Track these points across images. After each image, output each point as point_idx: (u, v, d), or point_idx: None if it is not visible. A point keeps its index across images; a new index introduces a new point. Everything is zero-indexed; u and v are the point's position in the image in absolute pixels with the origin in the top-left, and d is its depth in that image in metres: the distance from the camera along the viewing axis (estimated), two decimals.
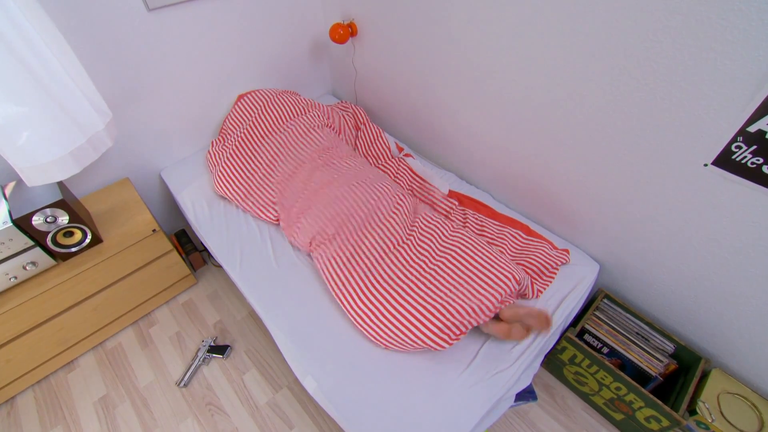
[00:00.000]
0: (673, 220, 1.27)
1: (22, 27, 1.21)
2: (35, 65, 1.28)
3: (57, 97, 1.35)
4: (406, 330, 1.26)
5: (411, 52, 1.76)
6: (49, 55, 1.30)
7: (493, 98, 1.55)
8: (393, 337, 1.27)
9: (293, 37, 2.06)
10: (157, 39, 1.62)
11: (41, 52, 1.28)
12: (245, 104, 1.92)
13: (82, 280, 1.58)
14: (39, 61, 1.28)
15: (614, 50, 1.12)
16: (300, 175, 1.68)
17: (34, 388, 1.73)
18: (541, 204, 1.65)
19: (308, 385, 1.24)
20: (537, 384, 1.66)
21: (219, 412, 1.63)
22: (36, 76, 1.29)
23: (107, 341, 1.87)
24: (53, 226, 1.43)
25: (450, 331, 1.24)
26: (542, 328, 1.29)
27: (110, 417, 1.64)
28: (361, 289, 1.37)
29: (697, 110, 1.05)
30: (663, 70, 1.06)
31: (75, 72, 1.38)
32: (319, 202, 1.54)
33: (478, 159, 1.82)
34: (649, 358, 1.41)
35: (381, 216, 1.51)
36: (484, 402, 1.19)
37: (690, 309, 1.39)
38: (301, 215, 1.55)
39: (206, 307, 1.98)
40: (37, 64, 1.28)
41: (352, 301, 1.35)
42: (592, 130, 1.30)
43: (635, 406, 1.39)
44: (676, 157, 1.15)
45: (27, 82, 1.27)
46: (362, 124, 2.05)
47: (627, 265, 1.49)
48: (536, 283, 1.46)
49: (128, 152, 1.81)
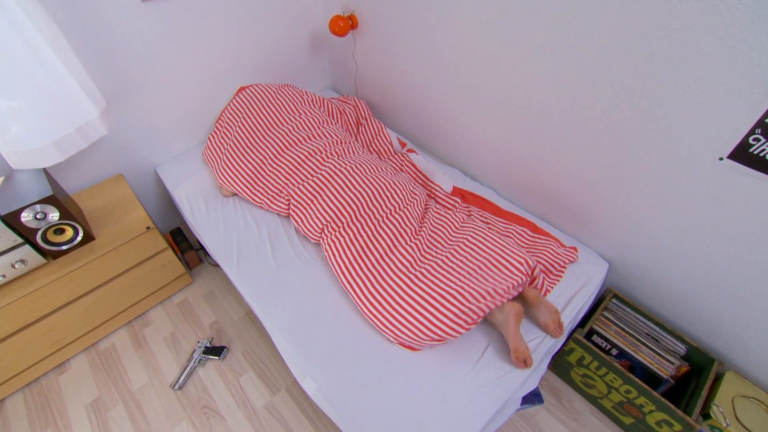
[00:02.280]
0: (685, 216, 1.22)
1: (13, 13, 1.18)
2: (25, 55, 1.24)
3: (48, 88, 1.33)
4: (420, 317, 1.23)
5: (413, 46, 1.72)
6: (40, 43, 1.26)
7: (499, 93, 1.51)
8: (405, 326, 1.24)
9: (292, 30, 2.02)
10: (151, 31, 1.57)
11: (31, 39, 1.24)
12: (246, 96, 1.88)
13: (73, 279, 1.54)
14: (29, 49, 1.24)
15: (625, 40, 1.08)
16: (312, 162, 1.67)
17: (24, 390, 1.69)
18: (548, 201, 1.61)
19: (308, 387, 1.21)
20: (543, 387, 1.62)
21: (215, 416, 1.59)
22: (27, 68, 1.26)
23: (100, 342, 1.83)
24: (43, 222, 1.39)
25: (466, 316, 1.21)
26: (553, 327, 1.27)
27: (102, 420, 1.59)
28: (374, 278, 1.36)
29: (712, 101, 1.01)
30: (676, 60, 1.02)
31: (68, 60, 1.35)
32: (333, 188, 1.55)
33: (482, 155, 1.77)
34: (660, 359, 1.37)
35: (396, 207, 1.53)
36: (489, 405, 1.16)
37: (702, 309, 1.35)
38: (314, 199, 1.55)
39: (202, 307, 1.95)
40: (27, 54, 1.25)
41: (364, 290, 1.34)
42: (601, 124, 1.26)
43: (646, 409, 1.34)
44: (690, 150, 1.11)
45: (17, 75, 1.25)
46: (364, 119, 2.02)
47: (637, 264, 1.45)
48: (545, 281, 1.42)
49: (122, 147, 1.77)
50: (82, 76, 1.41)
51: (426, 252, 1.43)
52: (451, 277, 1.31)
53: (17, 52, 1.22)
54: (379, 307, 1.29)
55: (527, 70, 1.36)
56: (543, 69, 1.32)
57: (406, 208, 1.54)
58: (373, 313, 1.29)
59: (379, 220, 1.49)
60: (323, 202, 1.53)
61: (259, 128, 1.81)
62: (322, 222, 1.50)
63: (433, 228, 1.52)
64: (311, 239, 1.55)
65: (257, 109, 1.84)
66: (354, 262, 1.40)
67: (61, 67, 1.33)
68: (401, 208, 1.54)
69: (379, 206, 1.51)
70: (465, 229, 1.49)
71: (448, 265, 1.36)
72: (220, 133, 1.87)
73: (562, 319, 1.31)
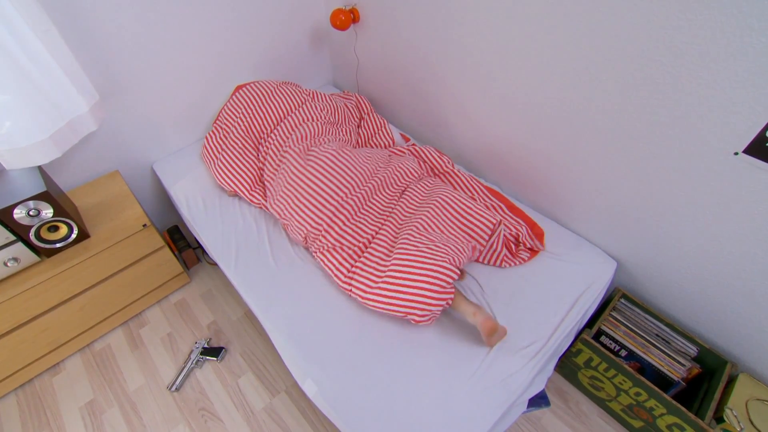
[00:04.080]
0: (698, 213, 1.19)
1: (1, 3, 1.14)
2: (14, 48, 1.21)
3: (38, 81, 1.29)
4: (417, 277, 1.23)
5: (416, 39, 1.69)
6: (30, 36, 1.22)
7: (505, 87, 1.47)
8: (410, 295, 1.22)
9: (292, 24, 1.98)
10: (147, 23, 1.53)
11: (19, 31, 1.20)
12: (243, 96, 1.84)
13: (67, 278, 1.50)
14: (17, 41, 1.21)
15: (638, 31, 1.04)
16: (286, 168, 1.58)
17: (17, 392, 1.66)
18: (555, 197, 1.57)
19: (308, 389, 1.19)
20: (549, 389, 1.58)
21: (212, 418, 1.56)
22: (16, 61, 1.22)
23: (95, 343, 1.80)
24: (36, 219, 1.36)
25: (446, 270, 1.23)
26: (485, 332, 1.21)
27: (97, 423, 1.56)
28: (369, 268, 1.35)
29: (727, 93, 0.97)
30: (691, 51, 0.98)
31: (59, 52, 1.31)
32: (301, 196, 1.47)
33: (487, 151, 1.74)
34: (671, 361, 1.33)
35: (364, 198, 1.50)
36: (495, 408, 1.13)
37: (714, 309, 1.31)
38: (289, 211, 1.49)
39: (200, 307, 1.91)
40: (17, 46, 1.21)
41: (363, 284, 1.31)
42: (612, 118, 1.22)
43: (656, 412, 1.30)
44: (703, 145, 1.07)
45: (7, 68, 1.21)
46: (366, 114, 1.98)
47: (646, 263, 1.41)
48: (503, 248, 1.45)
49: (118, 143, 1.73)
50: (73, 69, 1.36)
51: (402, 221, 1.47)
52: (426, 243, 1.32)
53: (5, 44, 1.18)
54: (381, 290, 1.26)
55: (538, 64, 1.33)
56: (555, 63, 1.27)
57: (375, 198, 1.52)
58: (377, 301, 1.26)
59: (353, 220, 1.46)
60: (296, 215, 1.47)
61: (256, 128, 1.78)
62: (303, 233, 1.45)
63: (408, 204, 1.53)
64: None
65: (254, 109, 1.80)
66: (345, 263, 1.39)
67: (50, 60, 1.29)
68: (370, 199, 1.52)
69: (350, 207, 1.46)
70: (435, 191, 1.52)
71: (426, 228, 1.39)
72: (218, 133, 1.84)
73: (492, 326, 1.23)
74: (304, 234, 1.44)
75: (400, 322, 1.30)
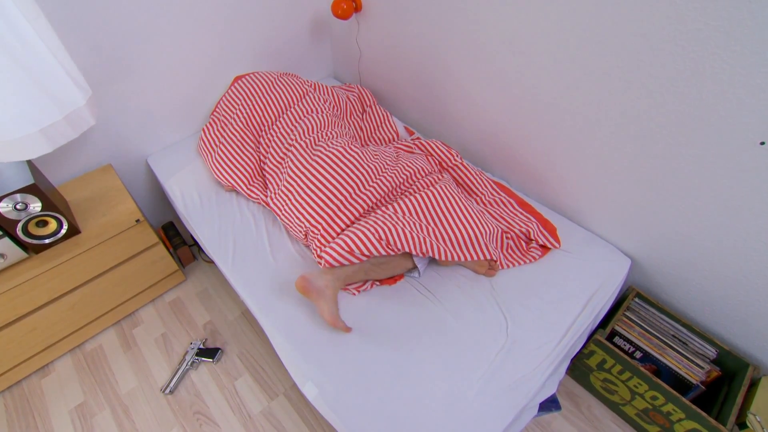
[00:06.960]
0: (719, 208, 1.12)
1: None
2: (6, 33, 1.14)
3: (31, 70, 1.22)
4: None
5: (421, 29, 1.63)
6: (22, 22, 1.16)
7: (515, 78, 1.42)
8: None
9: (291, 13, 1.92)
10: (141, 9, 1.47)
11: (11, 16, 1.14)
12: (243, 86, 1.78)
13: (57, 275, 1.44)
14: (9, 27, 1.14)
15: (659, 12, 0.98)
16: (291, 161, 1.52)
17: (4, 394, 1.60)
18: (566, 192, 1.51)
19: (308, 392, 1.14)
20: (560, 392, 1.53)
21: (208, 422, 1.50)
22: (7, 49, 1.16)
23: (86, 343, 1.74)
24: (24, 213, 1.30)
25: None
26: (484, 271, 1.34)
27: (87, 427, 1.50)
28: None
29: (754, 78, 0.91)
30: (714, 33, 0.92)
31: (51, 42, 1.25)
32: (303, 191, 1.42)
33: (494, 144, 1.68)
34: (689, 364, 1.27)
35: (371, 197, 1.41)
36: (505, 412, 1.07)
37: (734, 309, 1.25)
38: (290, 204, 1.43)
39: (195, 306, 1.86)
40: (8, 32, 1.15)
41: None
42: (628, 106, 1.16)
43: (674, 417, 1.24)
44: (726, 134, 1.01)
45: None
46: (369, 107, 1.92)
47: (663, 261, 1.35)
48: (511, 256, 1.42)
49: (111, 136, 1.67)
50: (66, 61, 1.30)
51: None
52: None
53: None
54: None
55: (549, 55, 1.27)
56: (568, 53, 1.22)
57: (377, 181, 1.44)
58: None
59: (360, 210, 1.39)
60: (301, 208, 1.40)
61: (256, 120, 1.72)
62: (303, 229, 1.39)
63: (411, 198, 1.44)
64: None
65: (255, 100, 1.74)
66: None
67: (45, 50, 1.23)
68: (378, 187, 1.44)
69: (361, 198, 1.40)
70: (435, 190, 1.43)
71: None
72: (216, 125, 1.78)
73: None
74: (305, 230, 1.38)
75: (403, 322, 1.25)
